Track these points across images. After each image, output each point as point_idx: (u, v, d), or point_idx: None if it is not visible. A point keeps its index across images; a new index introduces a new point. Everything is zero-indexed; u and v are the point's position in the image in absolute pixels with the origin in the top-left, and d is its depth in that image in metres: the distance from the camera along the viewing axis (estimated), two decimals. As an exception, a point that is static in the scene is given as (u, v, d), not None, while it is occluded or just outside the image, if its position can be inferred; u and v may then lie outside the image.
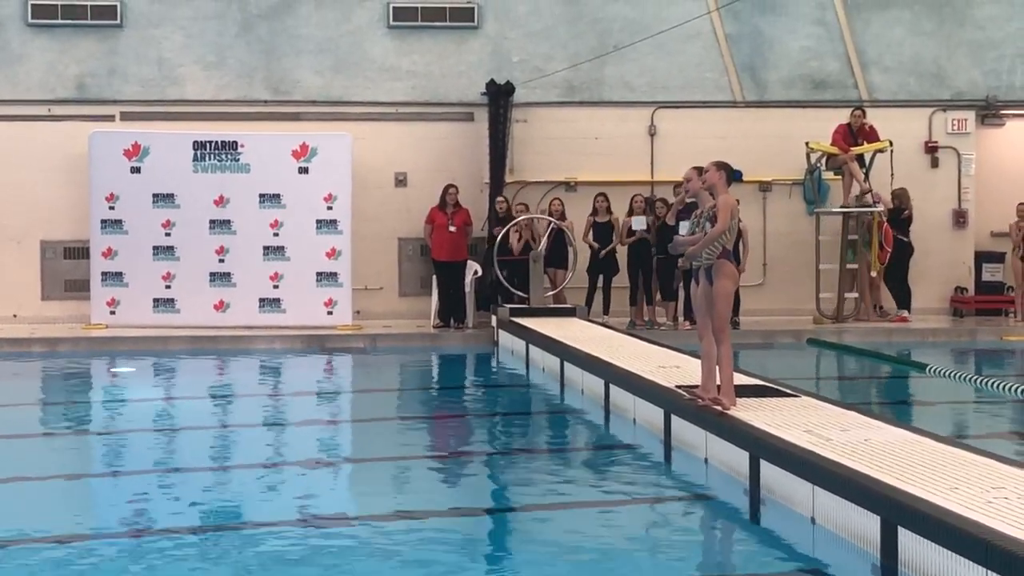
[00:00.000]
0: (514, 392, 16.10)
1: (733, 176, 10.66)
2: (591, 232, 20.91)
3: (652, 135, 22.31)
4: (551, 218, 20.86)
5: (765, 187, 22.23)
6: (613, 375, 13.05)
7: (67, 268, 21.40)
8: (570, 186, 22.04)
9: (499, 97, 21.69)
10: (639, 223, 20.50)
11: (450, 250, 20.77)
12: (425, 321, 21.02)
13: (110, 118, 21.44)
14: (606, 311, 20.68)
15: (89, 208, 20.63)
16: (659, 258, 20.13)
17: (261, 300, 20.71)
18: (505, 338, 19.12)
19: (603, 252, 20.74)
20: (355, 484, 10.05)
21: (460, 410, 14.52)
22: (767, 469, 8.84)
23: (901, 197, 21.30)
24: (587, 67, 22.20)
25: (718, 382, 10.38)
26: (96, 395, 16.37)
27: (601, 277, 20.85)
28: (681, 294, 20.51)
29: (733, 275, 10.50)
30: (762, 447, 9.00)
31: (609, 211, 20.98)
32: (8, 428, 12.37)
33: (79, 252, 21.09)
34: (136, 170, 20.61)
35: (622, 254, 20.90)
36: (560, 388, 14.98)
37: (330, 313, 20.72)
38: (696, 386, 10.81)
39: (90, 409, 14.97)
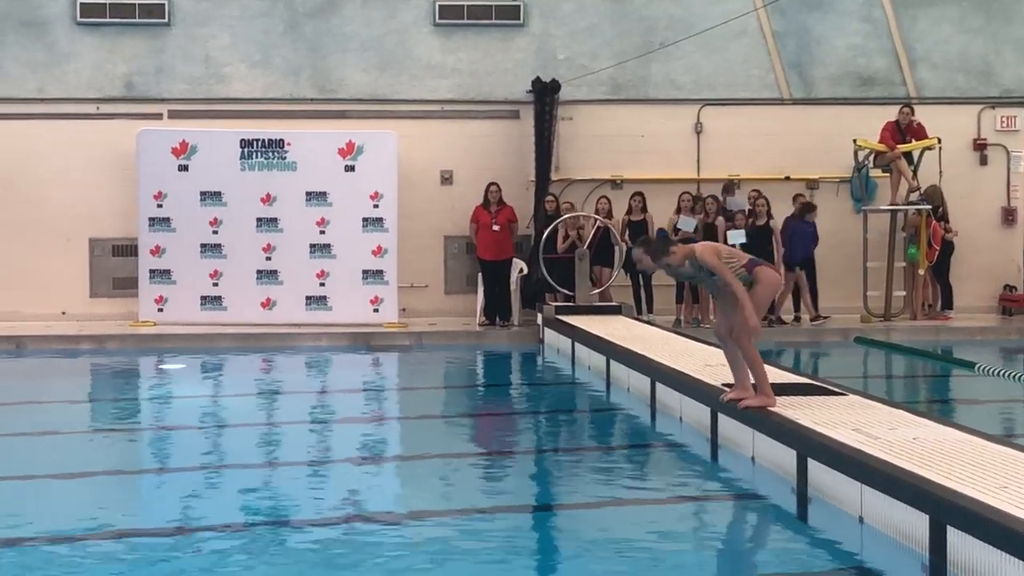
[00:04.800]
0: (560, 390, 16.08)
1: (664, 243, 10.52)
2: (627, 231, 20.88)
3: (698, 133, 22.26)
4: (597, 216, 20.83)
5: (812, 185, 22.12)
6: (659, 373, 13.02)
7: (115, 266, 21.53)
8: (616, 184, 22.00)
9: (545, 95, 21.68)
10: (687, 223, 20.46)
11: (494, 248, 20.80)
12: (471, 319, 21.04)
13: (158, 116, 21.55)
14: (649, 309, 20.64)
15: (137, 206, 20.76)
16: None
17: (307, 298, 20.79)
18: (551, 336, 19.11)
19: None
20: (401, 481, 10.06)
21: (506, 408, 14.52)
22: (815, 468, 8.80)
23: (932, 195, 21.15)
24: (633, 65, 22.16)
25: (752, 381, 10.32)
26: (144, 392, 16.46)
27: (640, 276, 20.83)
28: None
29: (771, 280, 10.38)
30: (810, 446, 8.96)
31: (644, 210, 20.95)
32: (57, 424, 12.44)
33: (127, 250, 21.21)
34: (184, 168, 20.72)
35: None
36: (606, 386, 14.96)
37: (376, 311, 20.77)
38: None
39: (138, 406, 15.05)
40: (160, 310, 20.70)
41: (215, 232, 20.76)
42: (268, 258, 20.77)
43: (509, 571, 7.38)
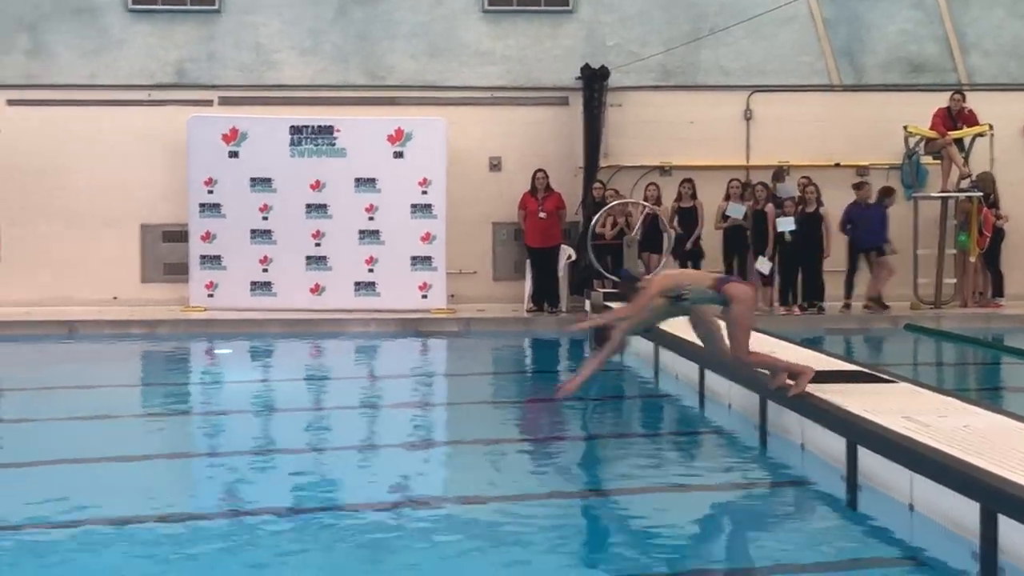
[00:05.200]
0: (607, 376, 16.04)
1: (628, 280, 10.51)
2: (676, 218, 20.86)
3: (748, 119, 22.19)
4: (645, 203, 20.81)
5: (863, 171, 22.00)
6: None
7: (166, 251, 21.68)
8: (665, 171, 21.96)
9: (594, 81, 21.67)
10: (736, 210, 20.42)
11: (542, 235, 20.82)
12: (519, 305, 21.07)
13: (208, 103, 21.66)
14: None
15: (187, 192, 20.88)
16: (755, 244, 20.16)
17: (356, 284, 20.87)
18: (599, 323, 19.06)
19: (689, 239, 20.70)
20: (450, 466, 10.09)
21: (554, 394, 14.51)
22: (864, 455, 8.78)
23: (984, 182, 21.00)
24: (682, 51, 22.10)
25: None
26: (194, 377, 16.58)
27: (690, 262, 20.81)
28: (776, 279, 20.44)
29: (744, 295, 10.30)
30: (859, 433, 8.93)
31: (693, 197, 20.92)
32: (109, 409, 12.54)
33: (178, 235, 21.34)
34: (234, 154, 20.83)
35: (713, 239, 20.84)
36: (655, 373, 14.94)
37: (424, 297, 20.83)
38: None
39: (189, 390, 15.16)
40: (210, 295, 20.83)
41: (265, 218, 20.87)
42: (317, 244, 20.86)
43: (557, 557, 7.40)
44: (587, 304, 20.15)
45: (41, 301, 20.85)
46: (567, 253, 20.87)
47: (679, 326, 15.37)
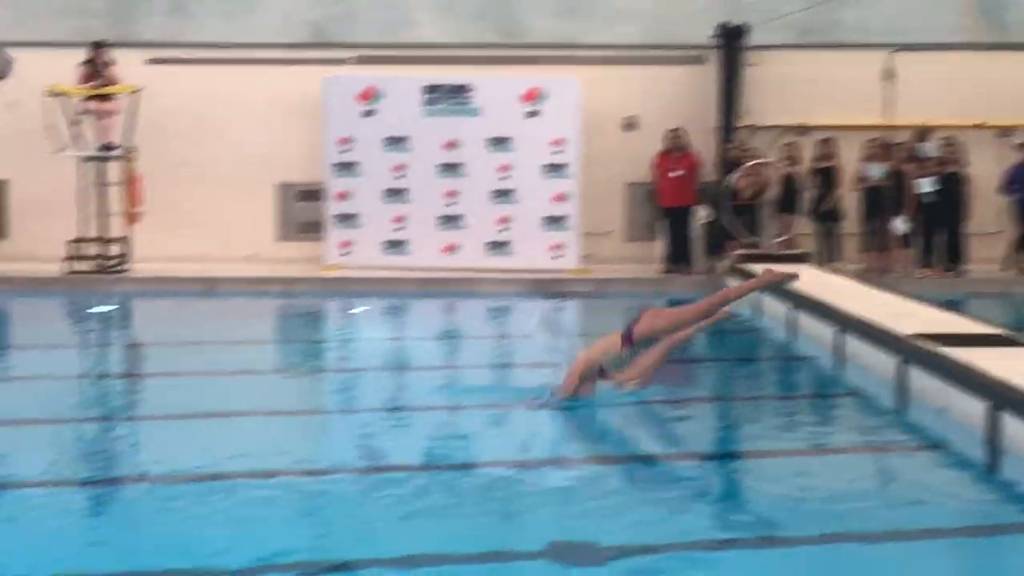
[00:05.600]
0: (743, 337, 15.92)
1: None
2: (813, 179, 20.59)
3: (889, 78, 21.77)
4: (782, 163, 20.56)
5: (1006, 132, 21.50)
6: (846, 321, 12.81)
7: (302, 210, 21.88)
8: (802, 130, 21.65)
9: (731, 40, 21.42)
10: (875, 171, 20.14)
11: (676, 195, 20.68)
12: (652, 266, 20.95)
13: (344, 62, 21.77)
14: (835, 258, 20.35)
15: (323, 151, 21.04)
16: (895, 205, 19.84)
17: (489, 243, 20.90)
18: (733, 284, 18.89)
19: (826, 200, 20.44)
20: (580, 426, 10.01)
21: (687, 355, 14.40)
22: (1007, 419, 8.59)
23: None
24: (822, 9, 21.71)
25: None
26: (330, 334, 16.73)
27: (827, 223, 20.58)
28: (915, 241, 20.12)
29: (650, 319, 10.14)
30: (1002, 396, 8.74)
31: (832, 157, 20.63)
32: (247, 365, 12.69)
33: (313, 195, 21.52)
34: (369, 114, 20.94)
35: (851, 200, 20.55)
36: (791, 334, 14.77)
37: (557, 257, 20.79)
38: None
39: (324, 348, 15.29)
40: (345, 254, 21.00)
41: (399, 178, 20.96)
42: (451, 203, 20.91)
43: (692, 518, 7.35)
44: (722, 265, 19.98)
45: (181, 258, 21.15)
46: (702, 213, 20.70)
47: (818, 288, 15.23)
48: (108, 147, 20.18)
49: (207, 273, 20.12)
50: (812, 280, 16.57)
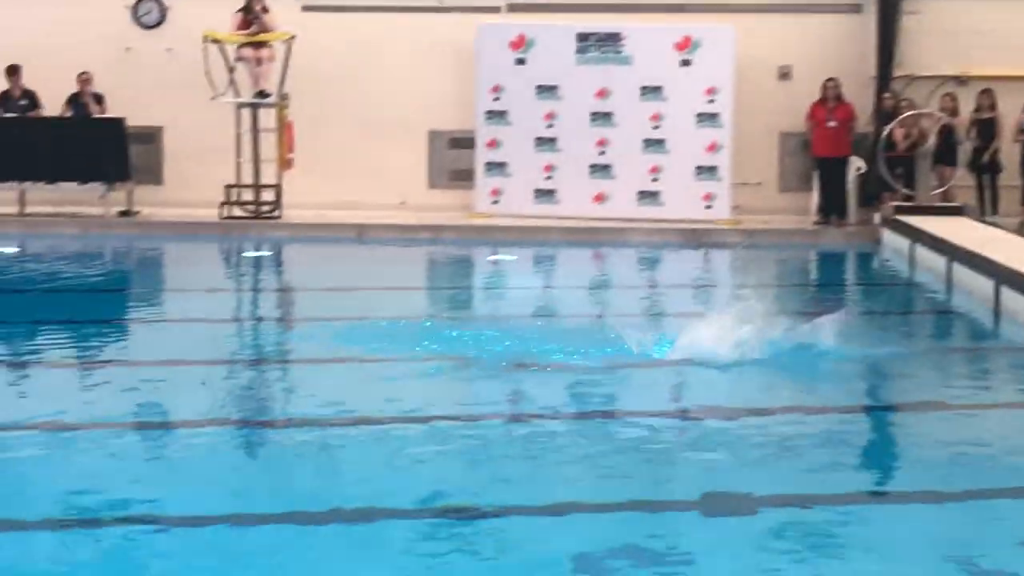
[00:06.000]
0: (897, 291, 15.69)
1: None
2: (973, 130, 20.13)
3: (1054, 26, 21.13)
4: (940, 114, 20.13)
5: None
6: (1004, 275, 12.52)
7: (452, 158, 21.93)
8: (962, 81, 21.13)
9: (889, -13, 20.98)
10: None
11: (831, 146, 20.37)
12: (805, 217, 20.67)
13: (496, 10, 21.72)
14: (994, 211, 19.90)
15: (474, 99, 21.05)
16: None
17: (640, 193, 20.77)
18: (888, 236, 18.61)
19: (986, 152, 20.00)
20: (729, 377, 9.82)
21: (840, 307, 14.19)
22: None
23: None
24: (985, -45, 21.17)
25: None
26: (477, 282, 16.79)
27: (985, 176, 20.14)
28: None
29: None
30: None
31: (992, 108, 20.14)
32: (396, 311, 12.75)
33: (464, 142, 21.55)
34: (521, 62, 20.89)
35: (1012, 152, 20.07)
36: (946, 288, 14.49)
37: (708, 207, 20.60)
38: None
39: (471, 295, 15.35)
40: (495, 202, 21.02)
41: (550, 126, 20.90)
42: (602, 152, 20.81)
43: (847, 471, 7.25)
44: (876, 217, 19.65)
45: (333, 205, 21.30)
46: (857, 165, 20.34)
47: (975, 242, 14.91)
48: (262, 94, 20.39)
49: (357, 220, 20.28)
50: (969, 233, 16.25)
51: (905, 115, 20.07)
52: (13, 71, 20.93)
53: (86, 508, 6.14)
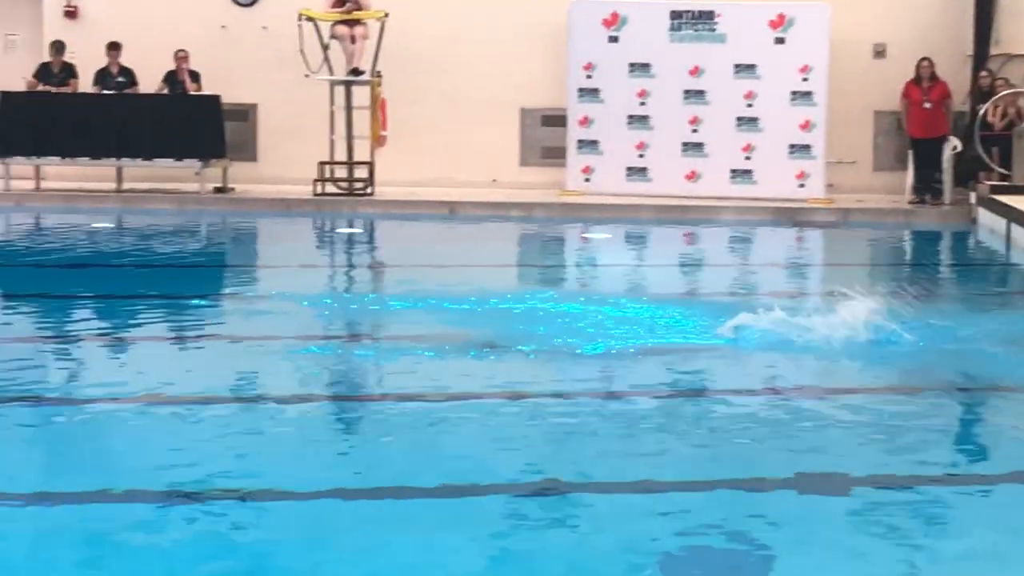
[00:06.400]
0: (993, 271, 15.53)
1: None
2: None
3: None
4: (1039, 92, 19.89)
5: None
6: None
7: (544, 135, 21.94)
8: (1062, 59, 20.84)
9: (987, -36, 20.71)
10: None
11: (926, 125, 20.17)
12: (900, 197, 20.49)
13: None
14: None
15: (567, 77, 21.04)
16: None
17: (732, 171, 20.68)
18: (984, 216, 18.40)
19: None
20: (818, 358, 9.77)
21: (934, 287, 14.08)
22: None
23: None
24: (1087, -71, 20.82)
25: None
26: (569, 259, 16.81)
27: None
28: None
29: None
30: None
31: (1086, 85, 19.88)
32: (487, 288, 12.78)
33: (556, 120, 21.54)
34: (614, 40, 20.86)
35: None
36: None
37: (802, 186, 20.48)
38: None
39: (563, 272, 15.38)
40: (587, 180, 21.02)
41: (642, 104, 20.86)
42: (694, 130, 20.74)
43: (935, 450, 7.21)
44: (972, 197, 19.44)
45: (424, 181, 21.41)
46: (952, 144, 20.12)
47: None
48: (356, 72, 20.50)
49: (449, 197, 20.36)
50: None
51: (1002, 94, 19.83)
52: (114, 47, 21.20)
53: (183, 482, 6.23)
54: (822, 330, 9.79)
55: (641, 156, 20.87)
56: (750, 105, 20.54)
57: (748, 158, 20.60)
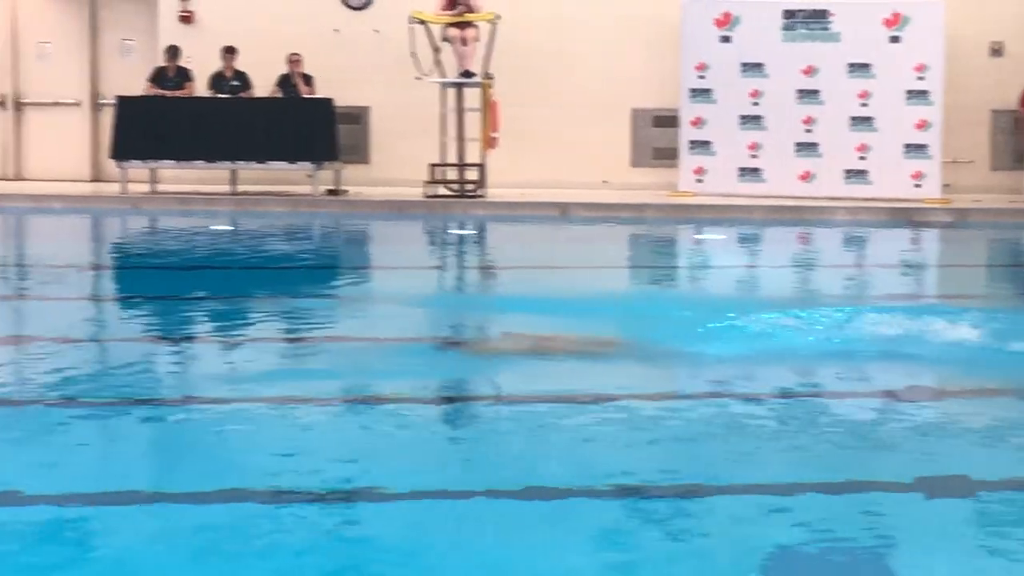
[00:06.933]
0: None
1: None
2: None
3: None
4: None
5: None
6: None
7: (656, 136, 21.87)
8: None
9: (1112, -43, 20.31)
10: None
11: (1045, 124, 19.91)
12: (1018, 196, 20.19)
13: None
14: None
15: (679, 77, 20.94)
16: None
17: (847, 171, 20.50)
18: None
19: None
20: (914, 362, 9.58)
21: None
22: None
23: None
24: None
25: None
26: (681, 260, 16.73)
27: None
28: None
29: None
30: None
31: None
32: (602, 288, 12.76)
33: (668, 121, 21.46)
34: (726, 39, 20.75)
35: None
36: None
37: (918, 186, 20.23)
38: None
39: (675, 273, 15.30)
40: (699, 181, 20.93)
41: (755, 104, 20.73)
42: (808, 130, 20.57)
43: (996, 454, 7.03)
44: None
45: (535, 183, 21.43)
46: (1070, 143, 19.82)
47: None
48: (467, 74, 20.55)
49: (559, 198, 20.34)
50: None
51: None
52: (230, 51, 21.44)
53: (297, 481, 6.25)
54: (942, 333, 9.64)
55: (754, 156, 20.74)
56: (864, 104, 20.34)
57: (863, 158, 20.39)
